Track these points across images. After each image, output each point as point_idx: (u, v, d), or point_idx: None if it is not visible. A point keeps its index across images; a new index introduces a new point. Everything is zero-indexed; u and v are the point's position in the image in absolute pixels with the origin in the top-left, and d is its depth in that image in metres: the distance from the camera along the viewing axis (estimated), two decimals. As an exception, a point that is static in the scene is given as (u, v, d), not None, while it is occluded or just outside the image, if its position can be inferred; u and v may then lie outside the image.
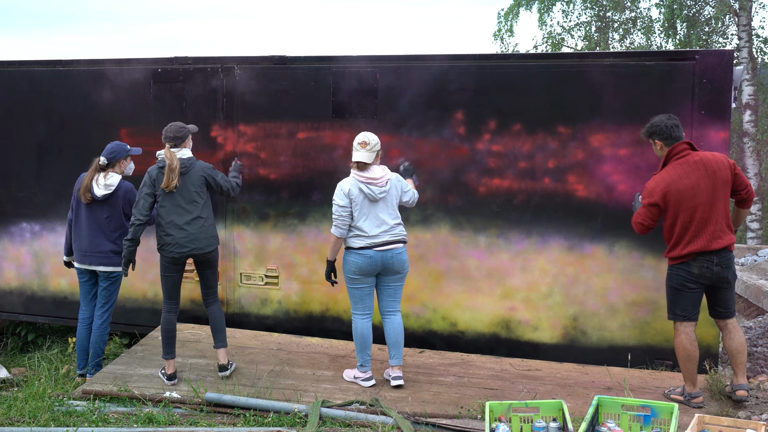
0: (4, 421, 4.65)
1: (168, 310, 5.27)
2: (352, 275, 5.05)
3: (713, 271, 4.55)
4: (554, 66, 5.60)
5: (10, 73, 6.86)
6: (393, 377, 5.10)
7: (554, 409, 4.02)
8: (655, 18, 18.29)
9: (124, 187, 5.54)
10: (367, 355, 5.12)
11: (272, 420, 4.55)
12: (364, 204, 4.99)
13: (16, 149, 6.89)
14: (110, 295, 5.65)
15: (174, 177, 5.01)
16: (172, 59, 6.43)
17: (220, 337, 5.32)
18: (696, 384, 4.72)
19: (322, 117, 6.06)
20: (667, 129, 4.65)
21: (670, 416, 3.88)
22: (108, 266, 5.57)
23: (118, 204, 5.53)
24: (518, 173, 5.69)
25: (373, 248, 4.98)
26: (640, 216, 4.72)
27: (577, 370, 5.46)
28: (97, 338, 5.63)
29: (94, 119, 6.60)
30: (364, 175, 4.98)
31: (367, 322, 5.11)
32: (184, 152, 5.14)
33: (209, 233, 5.16)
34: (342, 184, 5.05)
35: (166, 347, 5.24)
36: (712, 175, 4.51)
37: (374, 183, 4.99)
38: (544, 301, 5.72)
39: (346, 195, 4.99)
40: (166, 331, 5.25)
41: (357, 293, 5.10)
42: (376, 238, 4.98)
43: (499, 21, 19.35)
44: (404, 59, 5.91)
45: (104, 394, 4.98)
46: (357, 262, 4.99)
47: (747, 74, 14.58)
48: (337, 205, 5.00)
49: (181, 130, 5.16)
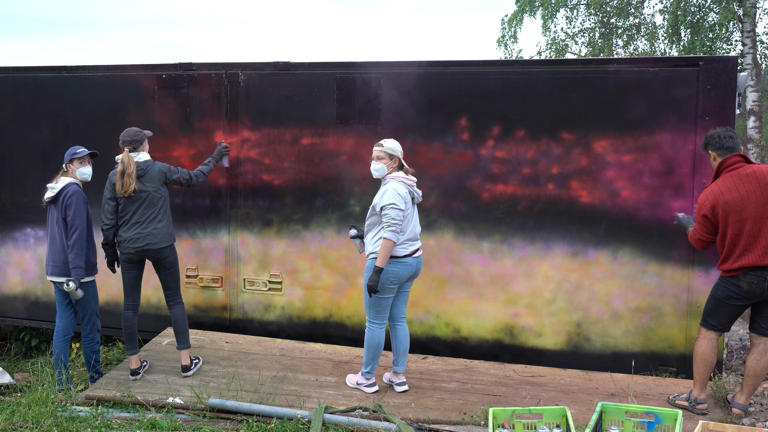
0: (7, 426, 4.66)
1: (127, 308, 5.48)
2: (390, 285, 4.88)
3: (763, 287, 4.43)
4: (558, 72, 5.60)
5: (15, 79, 6.88)
6: (398, 383, 5.11)
7: (558, 416, 4.01)
8: (659, 24, 18.29)
9: (64, 191, 5.40)
10: (377, 363, 5.13)
11: (275, 426, 4.54)
12: (409, 209, 4.93)
13: (20, 154, 6.92)
14: (86, 305, 5.53)
15: (131, 181, 5.21)
16: (177, 65, 6.45)
17: (181, 338, 5.49)
18: (705, 390, 4.69)
19: (326, 123, 6.08)
20: (719, 139, 4.54)
21: (674, 423, 3.86)
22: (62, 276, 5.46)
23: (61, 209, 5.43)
24: (522, 179, 5.69)
25: (412, 255, 4.94)
26: (696, 232, 4.64)
27: (581, 376, 5.44)
28: (87, 349, 5.61)
29: (99, 125, 6.62)
30: (411, 179, 4.97)
31: (383, 331, 5.06)
32: (141, 155, 5.34)
33: (164, 231, 5.36)
34: (397, 188, 4.81)
35: (127, 343, 5.49)
36: (765, 188, 4.39)
37: (415, 186, 4.99)
38: (548, 308, 5.71)
39: (403, 199, 4.83)
40: (125, 328, 5.48)
41: (384, 303, 4.95)
42: (415, 244, 4.96)
43: (503, 27, 19.36)
44: (408, 65, 5.92)
45: (107, 400, 4.98)
46: (398, 272, 4.86)
47: (751, 80, 14.56)
48: (397, 209, 4.74)
49: (137, 134, 5.36)
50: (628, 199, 5.47)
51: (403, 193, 4.82)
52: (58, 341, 5.59)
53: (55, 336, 5.62)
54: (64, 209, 5.35)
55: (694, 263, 5.36)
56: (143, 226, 5.29)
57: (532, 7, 18.86)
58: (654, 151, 5.37)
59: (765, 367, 4.55)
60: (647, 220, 5.45)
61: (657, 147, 5.37)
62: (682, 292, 5.41)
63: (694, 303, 5.37)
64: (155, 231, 5.31)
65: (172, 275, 5.49)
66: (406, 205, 4.81)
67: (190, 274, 6.50)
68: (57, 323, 5.64)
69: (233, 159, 6.29)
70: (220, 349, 5.99)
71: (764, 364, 4.55)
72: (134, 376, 5.42)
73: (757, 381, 4.57)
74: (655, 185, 5.41)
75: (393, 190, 4.79)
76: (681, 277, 5.41)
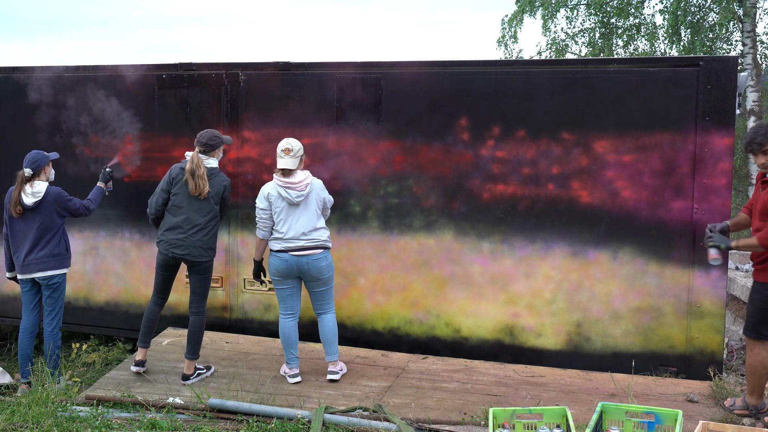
0: (7, 426, 4.66)
1: (154, 302, 5.43)
2: (273, 276, 5.24)
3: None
4: (558, 72, 5.60)
5: (15, 79, 6.88)
6: (328, 371, 5.31)
7: (558, 416, 4.01)
8: (659, 24, 18.29)
9: (52, 192, 5.60)
10: (292, 354, 5.29)
11: (275, 426, 4.54)
12: (283, 208, 5.12)
13: (21, 155, 6.90)
14: (55, 302, 5.67)
15: (204, 183, 5.10)
16: (177, 65, 6.45)
17: (190, 348, 5.36)
18: (763, 396, 4.53)
19: (326, 123, 6.08)
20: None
21: (674, 423, 3.86)
22: (46, 271, 5.60)
23: (50, 210, 5.58)
24: (522, 179, 5.69)
25: (289, 252, 5.11)
26: None
27: (581, 376, 5.44)
28: (51, 345, 5.67)
29: (99, 125, 6.62)
30: (285, 180, 5.10)
31: (290, 321, 5.30)
32: (210, 161, 5.24)
33: (205, 244, 5.21)
34: (263, 187, 5.21)
35: (142, 335, 5.42)
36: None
37: (293, 187, 5.09)
38: (548, 308, 5.71)
39: (265, 198, 5.16)
40: (146, 319, 5.42)
41: (279, 293, 5.29)
42: (292, 242, 5.12)
43: (503, 27, 19.37)
44: (408, 65, 5.92)
45: (107, 400, 4.98)
46: (275, 264, 5.17)
47: (751, 80, 14.56)
48: (258, 208, 5.18)
49: (213, 139, 5.24)
50: (628, 199, 5.47)
51: (266, 193, 5.16)
52: (25, 338, 5.74)
53: (20, 333, 5.75)
54: (59, 207, 5.60)
55: (695, 263, 5.36)
56: (186, 233, 5.15)
57: (532, 7, 18.86)
58: (654, 151, 5.37)
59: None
60: (647, 220, 5.45)
61: (657, 147, 5.37)
62: (683, 292, 5.41)
63: (695, 303, 5.37)
64: (198, 243, 5.16)
65: (202, 282, 5.33)
66: (272, 204, 5.14)
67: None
68: (23, 323, 5.76)
69: (234, 159, 6.29)
70: (220, 349, 5.99)
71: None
72: (138, 366, 5.37)
73: None
74: (656, 185, 5.41)
75: (260, 190, 5.22)
76: (681, 277, 5.41)
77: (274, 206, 5.14)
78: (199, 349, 5.40)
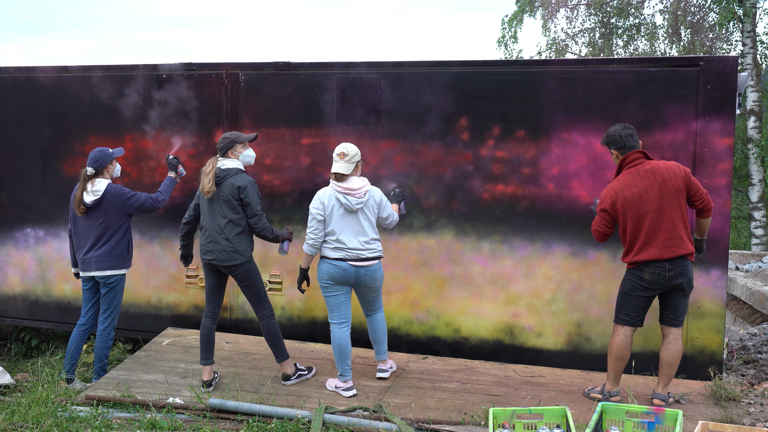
0: (7, 426, 4.66)
1: (205, 315, 5.30)
2: (325, 283, 5.03)
3: (665, 277, 4.58)
4: (558, 72, 5.60)
5: (15, 79, 6.88)
6: (378, 369, 5.30)
7: (558, 416, 4.01)
8: (659, 24, 18.31)
9: (111, 190, 5.53)
10: (347, 365, 5.08)
11: (275, 426, 4.54)
12: (341, 215, 4.96)
13: (20, 155, 6.91)
14: (111, 300, 5.65)
15: (206, 181, 5.04)
16: (177, 65, 6.45)
17: (276, 352, 5.27)
18: (617, 383, 4.83)
19: (327, 123, 6.07)
20: (621, 138, 4.70)
21: (674, 423, 3.86)
22: (105, 270, 5.57)
23: (110, 207, 5.53)
24: (522, 179, 5.69)
25: (348, 261, 4.97)
26: (595, 223, 4.83)
27: (581, 376, 5.44)
28: (101, 344, 5.65)
29: (99, 125, 6.62)
30: (342, 185, 4.96)
31: (344, 331, 5.08)
32: (227, 162, 5.12)
33: (229, 247, 5.07)
34: (319, 192, 5.04)
35: (201, 352, 5.26)
36: (661, 183, 4.54)
37: (352, 193, 4.95)
38: (548, 308, 5.71)
39: (322, 203, 4.96)
40: (201, 335, 5.26)
41: (332, 301, 5.08)
42: (353, 252, 4.97)
43: (503, 27, 19.40)
44: (408, 65, 5.91)
45: (107, 400, 4.98)
46: (329, 271, 4.98)
47: (751, 80, 14.56)
48: (313, 212, 4.97)
49: (224, 140, 5.16)
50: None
51: (324, 199, 4.98)
52: (77, 333, 5.73)
53: (75, 328, 5.74)
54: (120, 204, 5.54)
55: (694, 263, 5.35)
56: (213, 236, 5.11)
57: (532, 7, 18.88)
58: (654, 151, 5.36)
59: (677, 355, 4.71)
60: (647, 220, 5.43)
61: (657, 147, 5.37)
62: (683, 292, 5.40)
63: (695, 303, 5.36)
64: (224, 246, 5.07)
65: (248, 288, 5.21)
66: (329, 211, 4.96)
67: (191, 275, 6.50)
68: (81, 319, 5.75)
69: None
70: (220, 349, 5.98)
71: (675, 352, 4.70)
72: (207, 387, 5.16)
73: (672, 370, 4.72)
74: (656, 185, 5.40)
75: (316, 195, 5.05)
76: (681, 277, 5.40)
77: (331, 212, 4.95)
78: (282, 349, 5.25)
